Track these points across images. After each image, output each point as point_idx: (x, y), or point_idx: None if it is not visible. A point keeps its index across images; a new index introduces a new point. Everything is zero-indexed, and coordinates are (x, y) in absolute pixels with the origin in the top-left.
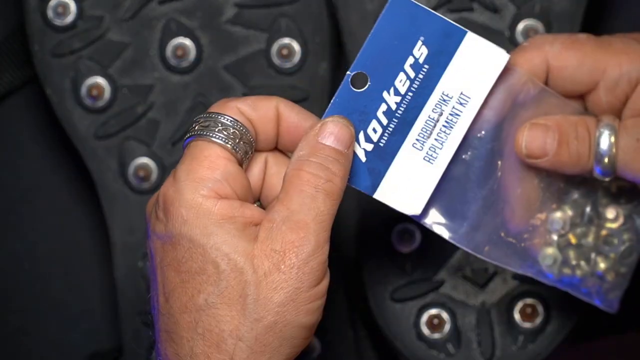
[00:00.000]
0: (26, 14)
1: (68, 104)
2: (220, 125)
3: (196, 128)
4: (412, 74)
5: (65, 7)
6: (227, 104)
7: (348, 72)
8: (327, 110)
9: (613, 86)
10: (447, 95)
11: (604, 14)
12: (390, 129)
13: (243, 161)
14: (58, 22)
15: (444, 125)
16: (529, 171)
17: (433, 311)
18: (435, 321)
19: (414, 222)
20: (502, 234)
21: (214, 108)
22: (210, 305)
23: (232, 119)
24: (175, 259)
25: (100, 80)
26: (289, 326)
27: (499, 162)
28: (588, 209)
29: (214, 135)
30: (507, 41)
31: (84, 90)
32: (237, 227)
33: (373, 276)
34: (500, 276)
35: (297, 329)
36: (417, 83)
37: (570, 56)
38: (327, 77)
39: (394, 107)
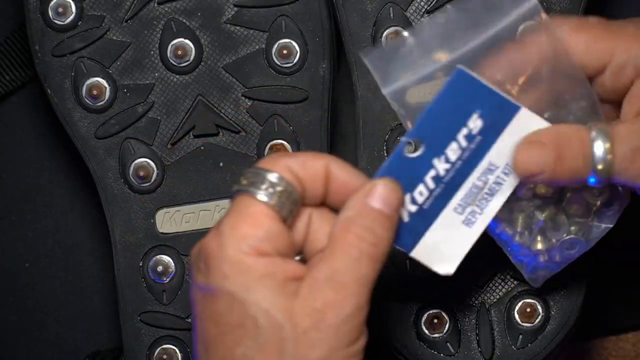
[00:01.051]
0: (26, 14)
1: (68, 103)
2: (267, 182)
3: (243, 182)
4: (464, 144)
5: (66, 7)
6: (277, 160)
7: (403, 139)
8: (378, 171)
9: (619, 71)
10: (493, 165)
11: (604, 14)
12: (436, 193)
13: (287, 218)
14: (58, 22)
15: (486, 193)
16: None
17: (433, 311)
18: (435, 321)
19: None
20: None
21: (263, 163)
22: (248, 358)
23: (279, 177)
24: (216, 312)
25: (100, 80)
26: None
27: None
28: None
29: (260, 193)
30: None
31: (84, 90)
32: (277, 283)
33: None
34: (500, 276)
35: None
36: (468, 152)
37: (579, 39)
38: (327, 77)
39: (442, 173)
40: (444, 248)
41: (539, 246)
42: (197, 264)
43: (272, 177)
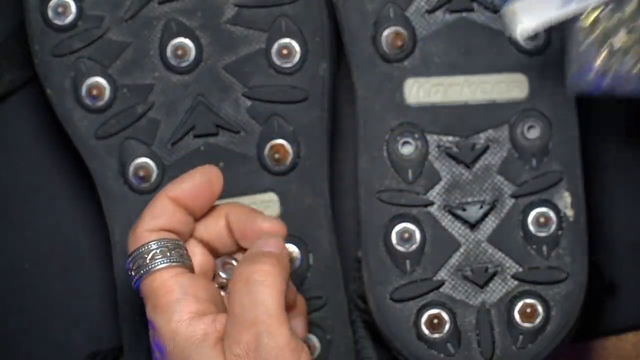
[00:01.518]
0: (26, 14)
1: (68, 103)
2: (145, 255)
3: (132, 275)
4: None
5: (66, 7)
6: (138, 235)
7: None
8: None
9: None
10: None
11: None
12: None
13: (187, 264)
14: (58, 22)
15: None
16: None
17: (433, 311)
18: (435, 321)
19: (414, 222)
20: None
21: (131, 245)
22: None
23: (155, 242)
24: None
25: (100, 80)
26: None
27: None
28: None
29: (150, 268)
30: (507, 41)
31: (84, 90)
32: (210, 343)
33: (373, 276)
34: (500, 276)
35: None
36: None
37: None
38: (327, 77)
39: None
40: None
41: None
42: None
43: (151, 246)
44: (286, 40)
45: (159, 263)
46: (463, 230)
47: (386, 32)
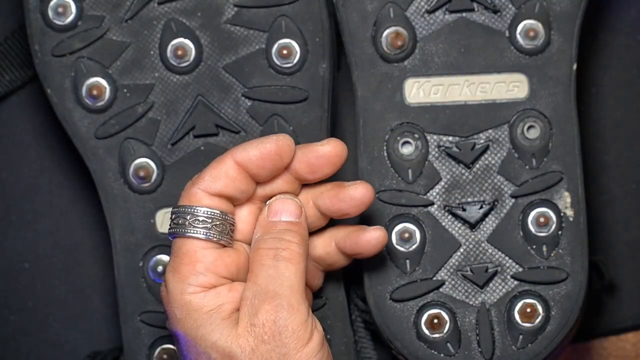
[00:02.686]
0: (26, 14)
1: (68, 103)
2: (193, 217)
3: (171, 225)
4: None
5: (66, 7)
6: (193, 193)
7: None
8: None
9: None
10: None
11: (604, 14)
12: None
13: (224, 241)
14: (58, 22)
15: None
16: None
17: (433, 311)
18: (435, 321)
19: (414, 222)
20: None
21: (183, 199)
22: None
23: (204, 210)
24: (180, 353)
25: (100, 80)
26: None
27: None
28: None
29: (187, 231)
30: (507, 41)
31: (84, 90)
32: (223, 315)
33: (373, 276)
34: (500, 276)
35: None
36: None
37: None
38: (327, 77)
39: None
40: None
41: None
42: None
43: (198, 211)
44: (286, 40)
45: (196, 232)
46: (463, 230)
47: (386, 32)
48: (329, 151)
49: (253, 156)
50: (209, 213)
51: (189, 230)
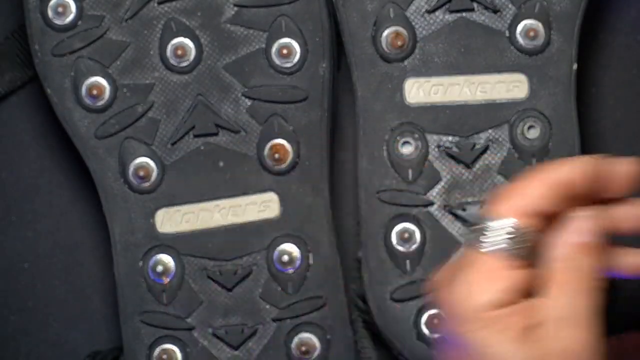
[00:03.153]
0: (26, 14)
1: (68, 103)
2: (501, 232)
3: (477, 235)
4: None
5: (65, 6)
6: (510, 204)
7: None
8: None
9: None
10: None
11: (604, 14)
12: None
13: (527, 260)
14: (58, 21)
15: None
16: None
17: (433, 311)
18: (435, 321)
19: (414, 222)
20: None
21: (495, 210)
22: None
23: (513, 226)
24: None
25: (100, 80)
26: None
27: None
28: None
29: (494, 245)
30: (507, 41)
31: (84, 89)
32: (516, 333)
33: (373, 276)
34: None
35: None
36: None
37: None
38: (327, 77)
39: None
40: None
41: None
42: (445, 311)
43: (505, 225)
44: (286, 40)
45: (506, 250)
46: (463, 230)
47: (386, 32)
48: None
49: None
50: (521, 233)
51: (496, 246)
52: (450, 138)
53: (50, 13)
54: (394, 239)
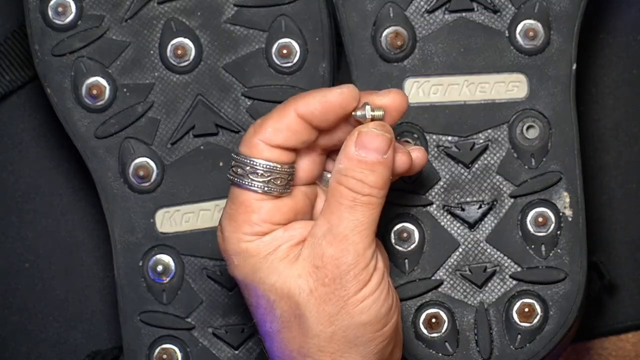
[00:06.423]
0: (26, 14)
1: (68, 103)
2: (252, 169)
3: (230, 172)
4: None
5: (65, 6)
6: (254, 144)
7: None
8: None
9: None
10: None
11: (604, 14)
12: None
13: (282, 192)
14: (58, 21)
15: None
16: None
17: (431, 310)
18: (434, 320)
19: (413, 222)
20: None
21: (243, 148)
22: (275, 332)
23: (264, 163)
24: (245, 299)
25: (100, 79)
26: (349, 329)
27: None
28: None
29: (244, 182)
30: (507, 41)
31: (84, 89)
32: (279, 256)
33: None
34: (498, 276)
35: (358, 328)
36: None
37: None
38: (327, 77)
39: None
40: None
41: None
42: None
43: (257, 164)
44: (286, 40)
45: (253, 185)
46: (462, 230)
47: (386, 32)
48: (389, 102)
49: (316, 110)
50: (268, 167)
51: (246, 182)
52: (449, 138)
53: (50, 13)
54: (392, 238)
